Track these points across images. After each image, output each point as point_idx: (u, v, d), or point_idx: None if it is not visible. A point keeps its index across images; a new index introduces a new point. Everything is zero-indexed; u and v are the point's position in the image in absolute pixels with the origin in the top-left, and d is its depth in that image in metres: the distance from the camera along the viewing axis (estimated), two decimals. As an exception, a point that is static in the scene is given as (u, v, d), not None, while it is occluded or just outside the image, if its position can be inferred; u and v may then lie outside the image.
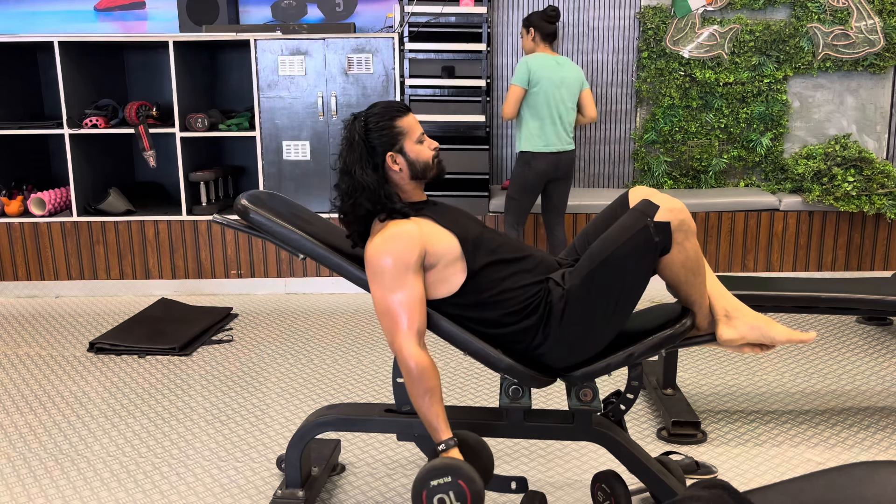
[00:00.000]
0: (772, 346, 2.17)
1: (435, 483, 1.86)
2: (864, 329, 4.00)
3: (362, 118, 2.13)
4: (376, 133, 2.10)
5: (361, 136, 2.10)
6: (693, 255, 2.05)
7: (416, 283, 2.02)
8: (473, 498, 1.84)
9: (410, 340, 1.99)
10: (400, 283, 2.00)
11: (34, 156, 5.15)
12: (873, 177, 4.59)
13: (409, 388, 2.00)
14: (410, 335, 2.00)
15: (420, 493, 1.87)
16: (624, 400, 2.29)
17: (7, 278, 4.72)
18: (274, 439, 2.86)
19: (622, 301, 2.04)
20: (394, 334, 2.01)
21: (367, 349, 3.79)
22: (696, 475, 2.50)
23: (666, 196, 2.07)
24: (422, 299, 2.03)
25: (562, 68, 4.08)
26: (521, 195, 4.19)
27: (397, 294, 2.00)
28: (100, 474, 2.61)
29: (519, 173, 4.18)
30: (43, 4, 5.28)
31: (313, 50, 4.53)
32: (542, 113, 4.06)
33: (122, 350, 3.75)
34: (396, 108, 2.14)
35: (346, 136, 2.14)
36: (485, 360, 2.11)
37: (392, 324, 2.01)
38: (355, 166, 2.10)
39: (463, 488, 1.84)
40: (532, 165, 4.11)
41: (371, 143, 2.10)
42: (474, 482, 1.85)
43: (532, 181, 4.14)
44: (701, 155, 5.05)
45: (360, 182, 2.09)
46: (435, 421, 1.98)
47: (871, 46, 4.86)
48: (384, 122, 2.11)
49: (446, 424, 1.99)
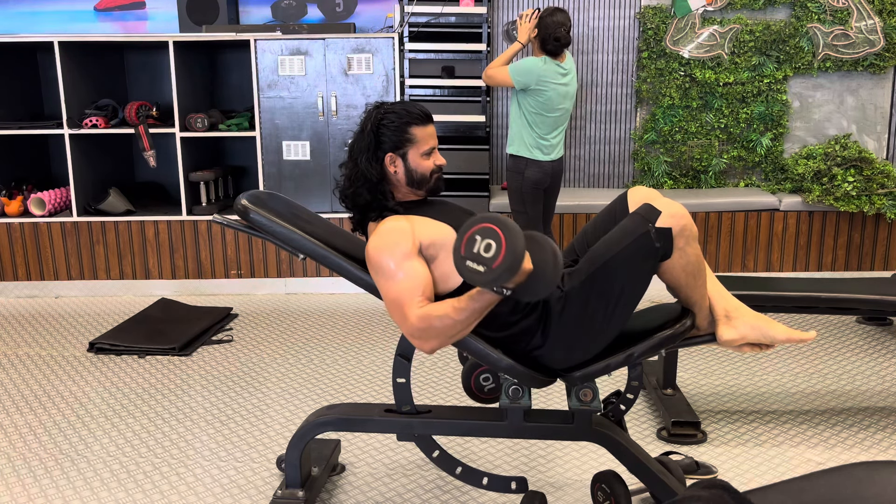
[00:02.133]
0: (772, 346, 2.17)
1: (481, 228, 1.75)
2: (864, 329, 4.00)
3: (382, 111, 2.14)
4: (387, 131, 2.12)
5: (374, 128, 2.12)
6: (694, 259, 2.05)
7: (418, 265, 1.99)
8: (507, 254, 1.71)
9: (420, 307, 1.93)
10: (401, 268, 1.98)
11: (34, 156, 5.15)
12: (873, 177, 4.59)
13: (449, 331, 1.90)
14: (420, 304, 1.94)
15: (471, 227, 1.76)
16: (624, 400, 2.29)
17: (7, 278, 4.72)
18: (274, 439, 2.86)
19: (621, 305, 2.04)
20: (403, 312, 1.95)
21: (367, 349, 3.79)
22: (696, 475, 2.50)
23: (667, 200, 2.07)
24: (427, 276, 1.99)
25: (567, 76, 3.95)
26: (522, 206, 4.05)
27: (399, 278, 1.98)
28: (100, 474, 2.61)
29: (514, 185, 4.02)
30: (43, 4, 5.28)
31: (313, 50, 4.53)
32: (546, 122, 3.92)
33: (122, 350, 3.75)
34: (417, 114, 2.13)
35: (362, 122, 2.16)
36: (485, 360, 2.11)
37: (401, 306, 1.96)
38: (362, 154, 2.12)
39: (502, 246, 1.71)
40: (526, 174, 3.97)
41: (379, 139, 2.12)
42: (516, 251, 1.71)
43: (529, 189, 3.99)
44: (701, 155, 5.05)
45: (362, 171, 2.11)
46: (480, 303, 1.87)
47: (871, 46, 4.86)
48: (399, 124, 2.12)
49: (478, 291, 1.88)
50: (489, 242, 1.74)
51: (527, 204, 4.04)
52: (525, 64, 3.89)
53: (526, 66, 3.88)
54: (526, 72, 3.86)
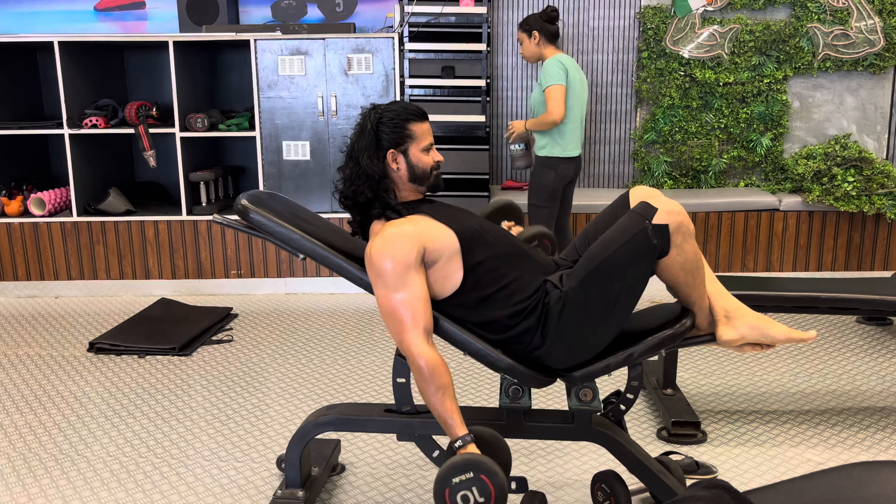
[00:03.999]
0: (772, 346, 2.17)
1: (457, 480, 1.83)
2: (864, 329, 4.00)
3: (379, 110, 2.17)
4: (387, 128, 2.13)
5: (373, 127, 2.14)
6: (692, 256, 2.05)
7: (419, 281, 2.02)
8: (497, 491, 1.81)
9: (418, 338, 1.99)
10: (402, 282, 2.00)
11: (34, 156, 5.15)
12: (873, 177, 4.59)
13: (420, 387, 1.99)
14: (417, 333, 2.00)
15: (442, 493, 1.85)
16: (624, 400, 2.29)
17: (7, 278, 4.72)
18: (274, 439, 2.86)
19: (620, 304, 2.04)
20: (401, 334, 2.01)
21: (367, 349, 3.79)
22: (696, 475, 2.50)
23: (664, 198, 2.07)
24: (426, 296, 2.03)
25: (580, 70, 4.03)
26: (550, 202, 4.04)
27: (400, 293, 2.00)
28: (100, 474, 2.61)
29: (546, 181, 4.01)
30: (43, 4, 5.28)
31: (313, 50, 4.53)
32: (575, 116, 3.96)
33: (122, 350, 3.75)
34: (413, 111, 2.17)
35: (360, 123, 2.18)
36: (485, 360, 2.11)
37: (398, 324, 2.02)
38: (363, 154, 2.14)
39: (486, 483, 1.81)
40: (559, 171, 3.99)
41: (379, 136, 2.13)
42: (497, 475, 1.82)
43: (558, 186, 4.02)
44: (701, 155, 5.05)
45: (364, 169, 2.12)
46: (449, 418, 1.96)
47: (871, 46, 4.86)
48: (397, 121, 2.14)
49: (461, 420, 1.97)
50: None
51: (553, 200, 4.05)
52: (554, 63, 3.90)
53: (551, 68, 3.89)
54: (556, 70, 3.88)
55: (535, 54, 4.04)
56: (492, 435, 2.00)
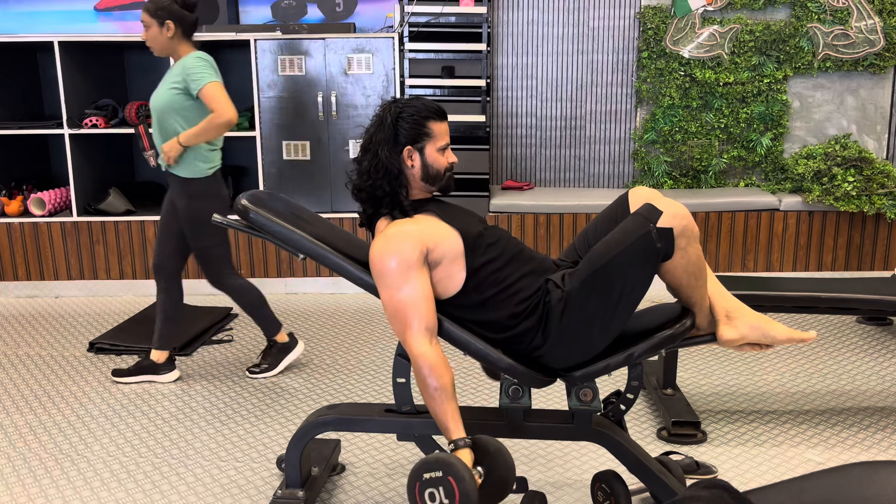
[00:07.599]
0: (772, 346, 2.18)
1: (427, 476, 1.82)
2: (864, 329, 4.00)
3: (399, 105, 2.14)
4: (406, 124, 2.11)
5: (393, 120, 2.11)
6: (695, 259, 2.05)
7: (422, 281, 2.02)
8: (462, 497, 1.78)
9: (420, 337, 1.99)
10: (405, 281, 2.00)
11: (34, 156, 5.14)
12: (873, 177, 4.59)
13: (420, 387, 1.99)
14: (420, 332, 1.99)
15: (413, 485, 1.85)
16: (624, 400, 2.29)
17: (7, 278, 4.72)
18: (274, 439, 2.86)
19: (622, 305, 2.04)
20: (404, 333, 2.02)
21: (367, 349, 3.79)
22: (696, 475, 2.50)
23: (668, 200, 2.06)
24: (429, 296, 2.03)
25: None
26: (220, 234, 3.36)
27: (404, 292, 2.00)
28: (100, 474, 2.61)
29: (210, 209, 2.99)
30: (43, 4, 5.28)
31: (313, 50, 4.52)
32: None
33: (122, 350, 3.75)
34: (434, 109, 2.15)
35: (379, 115, 2.14)
36: (485, 360, 2.11)
37: (401, 323, 2.02)
38: (382, 146, 2.11)
39: (452, 486, 1.79)
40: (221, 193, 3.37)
41: (397, 131, 2.11)
42: (464, 481, 1.79)
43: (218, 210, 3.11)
44: (701, 155, 5.05)
45: (384, 163, 2.09)
46: (446, 420, 1.95)
47: (871, 46, 4.86)
48: (417, 118, 2.12)
49: (458, 424, 1.95)
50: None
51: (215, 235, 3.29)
52: (197, 60, 3.22)
53: (199, 61, 3.22)
54: (209, 64, 3.26)
55: (165, 48, 3.24)
56: (496, 449, 1.94)
